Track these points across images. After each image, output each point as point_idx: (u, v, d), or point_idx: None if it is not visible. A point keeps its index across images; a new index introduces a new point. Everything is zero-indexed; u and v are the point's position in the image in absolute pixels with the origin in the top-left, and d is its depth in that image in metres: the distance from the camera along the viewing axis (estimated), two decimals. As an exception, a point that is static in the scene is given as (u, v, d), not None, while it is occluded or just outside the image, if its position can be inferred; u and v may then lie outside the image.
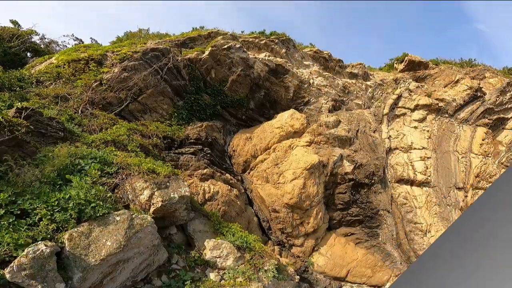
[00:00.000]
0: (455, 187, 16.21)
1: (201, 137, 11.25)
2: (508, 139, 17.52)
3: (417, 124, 16.84)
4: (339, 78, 17.12)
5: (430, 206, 15.11)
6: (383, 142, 15.70)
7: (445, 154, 16.71)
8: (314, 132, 13.05)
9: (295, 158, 11.79)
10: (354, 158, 13.22)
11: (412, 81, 18.15)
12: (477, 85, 17.30)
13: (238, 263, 6.72)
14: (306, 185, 11.36)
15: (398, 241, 14.07)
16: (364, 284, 12.67)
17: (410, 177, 15.35)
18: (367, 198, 13.55)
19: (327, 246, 12.71)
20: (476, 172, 16.71)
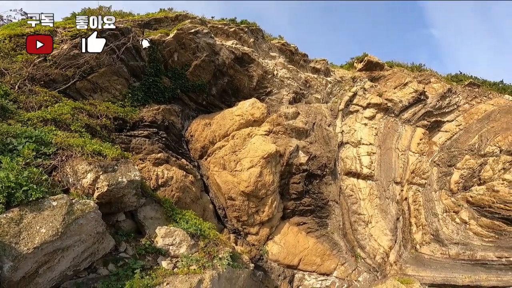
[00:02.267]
0: (394, 181, 17.88)
1: (157, 120, 10.66)
2: (441, 141, 19.77)
3: (367, 122, 18.07)
4: (302, 71, 17.48)
5: (372, 198, 16.46)
6: (336, 136, 16.56)
7: (388, 151, 18.26)
8: (274, 122, 13.17)
9: (253, 147, 11.79)
10: (309, 150, 13.71)
11: (367, 80, 19.34)
12: (422, 89, 19.06)
13: (192, 251, 6.56)
14: (262, 173, 11.47)
15: (344, 231, 15.12)
16: (314, 272, 13.40)
17: (357, 171, 16.50)
18: (318, 189, 14.22)
19: (281, 235, 13.11)
20: (412, 169, 18.60)
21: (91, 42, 9.59)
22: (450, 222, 18.13)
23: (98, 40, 9.76)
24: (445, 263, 16.67)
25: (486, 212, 17.56)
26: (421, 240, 17.51)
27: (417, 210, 17.98)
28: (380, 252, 15.13)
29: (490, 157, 18.60)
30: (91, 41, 9.59)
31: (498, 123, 19.23)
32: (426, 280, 15.53)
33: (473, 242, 17.27)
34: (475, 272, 16.04)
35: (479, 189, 18.34)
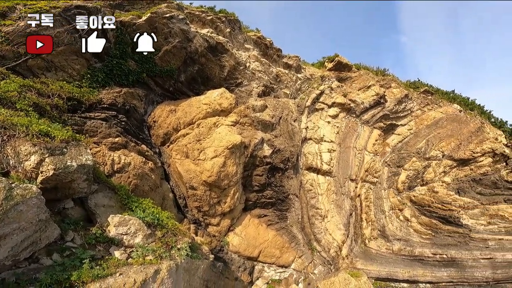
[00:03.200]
0: (350, 178, 18.90)
1: (117, 103, 9.95)
2: (394, 143, 21.26)
3: (331, 120, 18.76)
4: (274, 66, 17.54)
5: (329, 194, 17.22)
6: (301, 132, 16.96)
7: (346, 149, 19.20)
8: (241, 113, 13.05)
9: (219, 136, 11.58)
10: (274, 143, 13.86)
11: (335, 80, 19.97)
12: (383, 93, 20.19)
13: (148, 241, 6.30)
14: (226, 164, 11.34)
15: (302, 224, 15.66)
16: (274, 264, 13.71)
17: (318, 166, 17.12)
18: (280, 182, 14.50)
19: (242, 226, 13.16)
20: (366, 167, 19.80)
21: (91, 42, 9.78)
22: (395, 219, 19.75)
23: (98, 40, 9.92)
24: (389, 258, 18.15)
25: (426, 211, 19.41)
26: (370, 235, 18.85)
27: (368, 207, 19.27)
28: (334, 246, 15.97)
29: (434, 160, 20.48)
30: (91, 40, 9.77)
31: (444, 130, 21.19)
32: (373, 274, 16.76)
33: (413, 239, 19.01)
34: (413, 268, 17.68)
35: (422, 190, 20.19)
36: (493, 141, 20.44)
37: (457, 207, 18.93)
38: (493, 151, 19.88)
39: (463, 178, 20.09)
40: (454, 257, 17.96)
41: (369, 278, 15.88)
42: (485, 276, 17.63)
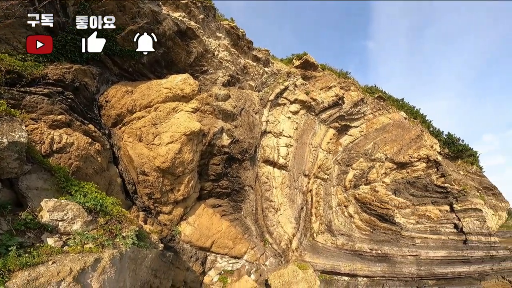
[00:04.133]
0: (303, 174, 19.62)
1: (66, 80, 8.98)
2: (346, 143, 22.57)
3: (291, 115, 19.16)
4: (243, 57, 17.29)
5: (283, 187, 17.68)
6: (261, 124, 17.04)
7: (303, 145, 19.85)
8: (203, 101, 12.62)
9: (177, 122, 11.02)
10: (233, 133, 13.70)
11: (300, 78, 20.40)
12: (342, 95, 21.18)
13: (88, 228, 5.75)
14: (182, 150, 10.88)
15: (256, 216, 15.86)
16: (226, 255, 13.63)
17: (274, 160, 17.43)
18: (237, 172, 14.43)
19: (195, 216, 12.82)
20: (319, 164, 20.73)
21: (91, 41, 9.83)
22: (341, 215, 21.14)
23: (98, 40, 9.96)
24: (333, 252, 19.38)
25: (367, 209, 21.10)
26: (318, 229, 19.89)
27: (318, 202, 20.28)
28: (285, 239, 16.50)
29: (378, 162, 22.25)
30: (91, 40, 9.83)
31: (389, 134, 23.09)
32: (319, 267, 17.73)
33: (355, 234, 20.55)
34: (353, 262, 19.12)
35: (365, 188, 21.85)
36: (429, 148, 22.83)
37: (392, 206, 20.87)
38: (428, 157, 22.18)
39: (400, 180, 22.16)
40: (387, 253, 19.75)
41: (316, 270, 16.81)
42: (411, 272, 19.51)
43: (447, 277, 19.80)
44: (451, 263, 20.23)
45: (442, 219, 21.37)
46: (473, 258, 20.44)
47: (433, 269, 19.72)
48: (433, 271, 19.63)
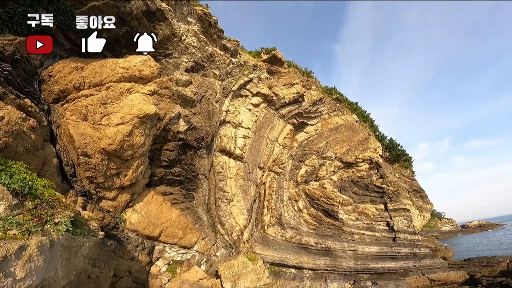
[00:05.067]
0: (258, 166, 19.76)
1: (6, 51, 7.93)
2: (301, 139, 23.27)
3: (252, 108, 19.03)
4: (211, 45, 16.62)
5: (237, 178, 17.58)
6: (221, 114, 16.59)
7: (260, 138, 19.93)
8: (162, 84, 11.76)
9: (130, 103, 10.06)
10: (191, 120, 13.09)
11: (266, 72, 20.31)
12: (303, 93, 21.64)
13: (13, 213, 5.07)
14: (133, 133, 9.98)
15: (208, 206, 15.47)
16: (176, 245, 13.02)
17: (231, 150, 17.20)
18: (191, 160, 13.87)
19: (143, 203, 11.98)
20: (274, 158, 21.09)
21: (91, 41, 10.06)
22: (291, 209, 21.85)
23: (98, 40, 10.13)
24: (282, 244, 19.94)
25: (315, 204, 22.16)
26: (268, 222, 20.27)
27: (270, 195, 20.66)
28: (237, 230, 16.46)
29: (328, 160, 23.43)
30: (91, 40, 10.04)
31: (341, 135, 24.41)
32: (268, 259, 18.06)
33: (303, 228, 21.43)
34: (300, 255, 19.88)
35: (315, 184, 22.90)
36: (373, 151, 24.72)
37: (337, 202, 22.26)
38: (371, 159, 24.02)
39: (346, 179, 23.71)
40: (330, 247, 20.96)
41: (265, 262, 17.09)
42: (349, 266, 20.78)
43: (378, 272, 21.32)
44: (382, 259, 21.94)
45: (377, 217, 23.37)
46: (400, 255, 22.26)
47: (368, 264, 21.25)
48: (367, 266, 21.14)
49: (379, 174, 24.50)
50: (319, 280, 19.63)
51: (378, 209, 23.58)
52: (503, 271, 21.88)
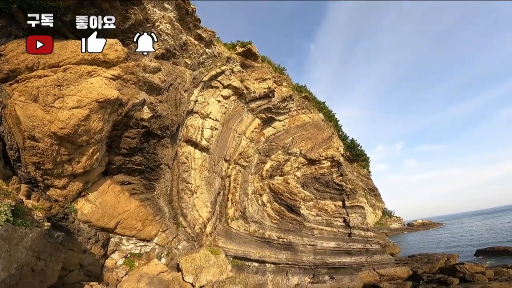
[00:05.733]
0: (224, 158, 19.49)
1: None
2: (269, 134, 23.40)
3: (221, 99, 18.61)
4: (186, 34, 15.84)
5: (202, 170, 17.16)
6: (189, 103, 15.98)
7: (228, 130, 19.63)
8: (128, 69, 10.95)
9: (89, 86, 9.22)
10: (156, 108, 12.40)
11: (239, 65, 19.96)
12: (274, 88, 21.68)
13: None
14: (90, 118, 9.16)
15: (170, 197, 14.89)
16: (134, 237, 12.32)
17: (197, 140, 16.71)
18: (154, 149, 13.20)
19: (98, 192, 11.11)
20: (241, 151, 20.96)
21: (91, 41, 9.76)
22: (255, 203, 21.99)
23: (98, 40, 9.88)
24: (245, 238, 19.98)
25: (278, 199, 22.56)
26: (232, 215, 20.16)
27: (235, 188, 20.55)
28: (200, 223, 16.09)
29: (293, 156, 23.91)
30: (91, 40, 9.76)
31: (307, 132, 25.00)
32: (231, 252, 17.96)
33: (266, 222, 21.69)
34: (263, 249, 20.09)
35: (279, 179, 23.28)
36: (335, 149, 25.72)
37: (299, 198, 22.89)
38: (333, 157, 24.98)
39: (309, 175, 24.41)
40: (291, 242, 21.49)
41: (228, 256, 16.97)
42: (309, 261, 21.45)
43: (335, 266, 22.24)
44: (338, 254, 22.97)
45: (335, 213, 24.45)
46: (354, 250, 23.40)
47: (325, 258, 22.13)
48: (325, 261, 22.02)
49: (339, 172, 25.55)
50: (280, 274, 20.10)
51: (336, 205, 24.66)
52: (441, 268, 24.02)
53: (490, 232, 54.55)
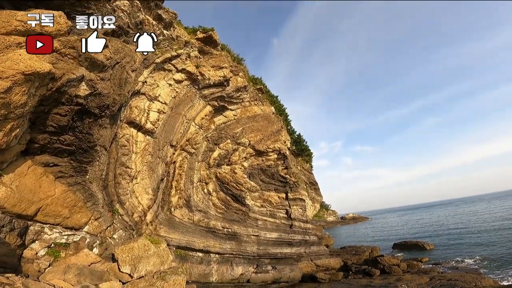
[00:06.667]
0: (170, 144, 18.51)
1: None
2: (219, 122, 22.89)
3: (173, 83, 17.47)
4: (145, 13, 14.35)
5: (145, 154, 16.02)
6: (136, 84, 14.68)
7: (177, 115, 18.62)
8: (67, 43, 9.43)
9: (16, 58, 7.72)
10: (96, 85, 10.99)
11: (197, 51, 18.89)
12: (229, 77, 21.11)
13: None
14: (12, 90, 7.68)
15: (105, 183, 13.52)
16: (59, 226, 10.82)
17: (141, 123, 15.49)
18: (89, 128, 11.73)
19: (15, 174, 9.45)
20: (189, 137, 20.17)
21: (91, 42, 9.77)
22: (200, 191, 21.46)
23: (98, 40, 9.95)
24: (189, 227, 19.37)
25: (224, 188, 22.41)
26: (176, 203, 19.34)
27: (180, 175, 19.73)
28: (139, 210, 15.01)
29: (242, 146, 23.92)
30: (91, 41, 9.78)
31: (257, 124, 25.15)
32: (174, 242, 17.19)
33: (211, 212, 21.36)
34: (207, 239, 19.74)
35: (226, 168, 23.10)
36: (283, 143, 26.48)
37: (245, 188, 23.10)
38: (280, 150, 25.69)
39: (256, 166, 24.76)
40: (236, 232, 21.58)
41: (171, 245, 16.23)
42: (252, 251, 21.83)
43: (277, 257, 23.00)
44: (280, 245, 23.80)
45: (279, 205, 25.35)
46: (294, 241, 24.45)
47: (268, 249, 22.75)
48: (268, 251, 22.64)
49: (285, 165, 26.43)
50: (225, 264, 20.10)
51: (280, 197, 25.57)
52: (366, 260, 26.90)
53: (405, 227, 62.90)
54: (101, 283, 9.96)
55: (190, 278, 17.83)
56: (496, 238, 31.33)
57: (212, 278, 19.10)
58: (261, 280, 20.73)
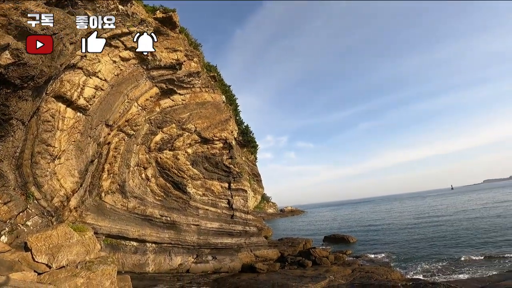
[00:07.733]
0: (106, 123, 16.89)
1: None
2: (165, 106, 21.65)
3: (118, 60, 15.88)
4: None
5: (73, 132, 14.35)
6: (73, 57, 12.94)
7: (117, 94, 17.02)
8: None
9: None
10: (23, 55, 9.36)
11: (152, 30, 17.23)
12: (183, 61, 19.93)
13: None
14: None
15: (20, 161, 11.69)
16: None
17: (72, 98, 13.80)
18: (5, 100, 9.97)
19: None
20: (128, 118, 18.68)
21: (91, 42, 10.57)
22: (138, 176, 20.15)
23: (98, 40, 10.78)
24: (122, 215, 18.01)
25: (165, 174, 21.47)
26: (108, 188, 17.78)
27: (114, 158, 18.19)
28: (61, 195, 13.36)
29: (187, 132, 23.12)
30: (91, 41, 10.56)
31: (206, 111, 24.49)
32: (104, 230, 15.76)
33: (148, 199, 20.23)
34: (143, 227, 18.63)
35: (168, 154, 22.14)
36: (229, 132, 26.34)
37: (187, 176, 22.50)
38: (226, 140, 25.56)
39: (200, 153, 24.24)
40: (175, 220, 20.79)
41: (100, 234, 14.88)
42: (192, 241, 21.31)
43: (218, 247, 22.85)
44: (221, 235, 23.65)
45: (221, 194, 25.27)
46: (235, 232, 24.52)
47: (209, 239, 22.45)
48: (209, 241, 22.34)
49: (229, 155, 26.40)
50: (163, 254, 19.34)
51: (223, 187, 25.52)
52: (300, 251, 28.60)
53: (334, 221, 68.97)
54: (11, 274, 8.75)
55: (123, 268, 16.85)
56: (404, 236, 36.27)
57: (149, 268, 18.34)
58: (201, 270, 20.57)
